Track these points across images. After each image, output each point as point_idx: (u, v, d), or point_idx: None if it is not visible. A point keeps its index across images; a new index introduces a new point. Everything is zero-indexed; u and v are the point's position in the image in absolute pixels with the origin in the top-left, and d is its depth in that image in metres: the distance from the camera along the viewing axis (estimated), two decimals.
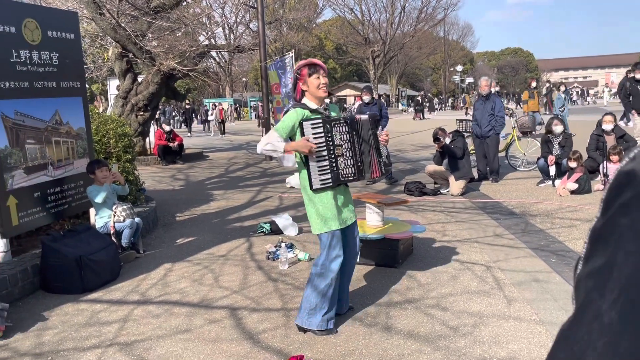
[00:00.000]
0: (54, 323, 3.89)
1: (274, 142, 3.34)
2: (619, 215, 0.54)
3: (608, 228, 0.55)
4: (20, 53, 4.85)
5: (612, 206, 0.55)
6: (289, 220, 6.21)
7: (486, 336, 3.40)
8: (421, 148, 15.21)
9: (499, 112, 8.78)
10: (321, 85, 3.44)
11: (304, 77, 3.46)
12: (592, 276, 0.55)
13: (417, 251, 5.27)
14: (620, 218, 0.53)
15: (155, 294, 4.40)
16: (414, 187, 8.25)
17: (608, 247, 0.54)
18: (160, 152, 13.38)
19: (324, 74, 3.47)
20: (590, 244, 0.57)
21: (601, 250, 0.54)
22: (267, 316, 3.84)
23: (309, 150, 3.31)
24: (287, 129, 3.40)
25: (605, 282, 0.52)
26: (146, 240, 6.03)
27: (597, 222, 0.58)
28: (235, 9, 18.74)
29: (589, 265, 0.56)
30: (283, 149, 3.32)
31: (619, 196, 0.55)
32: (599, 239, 0.56)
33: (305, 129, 3.37)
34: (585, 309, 0.53)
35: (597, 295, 0.52)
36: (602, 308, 0.51)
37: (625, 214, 0.53)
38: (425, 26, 47.51)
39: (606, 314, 0.50)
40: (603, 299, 0.51)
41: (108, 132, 6.83)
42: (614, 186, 0.56)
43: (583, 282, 0.56)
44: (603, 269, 0.53)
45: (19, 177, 4.84)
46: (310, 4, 40.71)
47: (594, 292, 0.53)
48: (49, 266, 4.55)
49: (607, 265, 0.53)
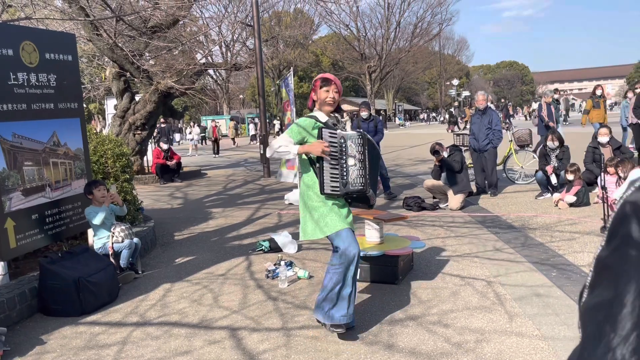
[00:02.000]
0: (52, 347, 3.85)
1: (287, 145, 3.48)
2: (627, 246, 0.53)
3: (615, 259, 0.54)
4: (18, 75, 4.86)
5: (617, 236, 0.55)
6: (288, 237, 6.19)
7: (489, 353, 3.37)
8: (419, 162, 15.23)
9: (496, 125, 8.82)
10: (329, 98, 3.62)
11: (316, 88, 3.66)
12: (602, 308, 0.54)
13: (417, 267, 5.24)
14: (629, 250, 0.53)
15: (154, 315, 4.36)
16: (412, 202, 8.24)
17: (618, 279, 0.53)
18: (158, 171, 13.39)
19: (334, 90, 3.64)
20: (596, 272, 0.57)
21: (608, 281, 0.54)
22: (268, 336, 3.81)
23: (321, 150, 3.42)
24: (299, 133, 3.54)
25: (617, 316, 0.51)
26: (145, 260, 6.00)
27: (602, 251, 0.57)
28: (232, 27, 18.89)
29: (595, 294, 0.56)
30: (297, 150, 3.46)
31: (624, 226, 0.54)
32: (605, 269, 0.55)
33: (324, 135, 3.51)
34: (596, 341, 0.53)
35: (608, 329, 0.52)
36: (614, 343, 0.50)
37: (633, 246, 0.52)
38: (420, 41, 47.85)
39: (618, 350, 0.50)
40: (614, 333, 0.51)
41: (106, 152, 6.83)
42: (619, 216, 0.56)
43: (591, 312, 0.55)
44: (614, 302, 0.52)
45: (16, 199, 4.83)
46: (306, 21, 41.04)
47: (605, 325, 0.52)
48: (47, 288, 4.52)
49: (618, 298, 0.52)
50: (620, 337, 0.50)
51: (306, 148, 3.48)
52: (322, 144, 3.45)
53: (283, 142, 3.52)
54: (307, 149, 3.47)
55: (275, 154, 3.52)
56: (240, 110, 55.87)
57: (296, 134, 3.56)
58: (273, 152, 3.52)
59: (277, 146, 3.49)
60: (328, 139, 3.53)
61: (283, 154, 3.52)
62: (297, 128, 3.56)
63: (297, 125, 3.58)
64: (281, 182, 12.36)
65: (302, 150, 3.48)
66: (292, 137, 3.54)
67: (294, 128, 3.57)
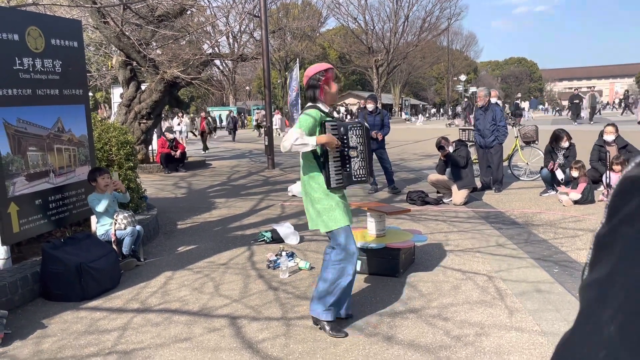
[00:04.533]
0: (53, 331, 3.87)
1: (302, 137, 3.41)
2: (624, 224, 0.52)
3: (612, 236, 0.53)
4: (24, 61, 4.87)
5: (617, 213, 0.54)
6: (290, 228, 6.19)
7: (488, 347, 3.36)
8: (423, 157, 15.19)
9: (500, 121, 8.78)
10: (337, 92, 3.68)
11: (329, 80, 3.61)
12: (594, 286, 0.53)
13: (418, 260, 5.24)
14: (626, 227, 0.52)
15: (155, 302, 4.38)
16: (416, 196, 8.22)
17: (612, 257, 0.52)
18: (163, 160, 13.41)
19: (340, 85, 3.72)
20: (595, 250, 0.56)
21: (605, 259, 0.53)
22: (267, 325, 3.82)
23: (335, 144, 3.44)
24: (310, 126, 3.49)
25: (607, 293, 0.51)
26: (147, 248, 6.01)
27: (602, 229, 0.56)
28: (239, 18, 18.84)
29: (593, 273, 0.55)
30: (315, 142, 3.40)
31: (623, 203, 0.53)
32: (603, 247, 0.55)
33: (327, 129, 3.49)
34: (586, 320, 0.52)
35: (597, 307, 0.51)
36: (602, 320, 0.49)
37: (630, 223, 0.52)
38: (428, 36, 47.68)
39: (605, 327, 0.49)
40: (603, 310, 0.50)
41: (110, 139, 6.84)
42: (618, 192, 0.55)
43: (585, 290, 0.55)
44: (605, 279, 0.52)
45: (20, 184, 4.85)
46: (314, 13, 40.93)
47: (594, 302, 0.52)
48: (49, 273, 4.54)
49: (610, 275, 0.51)
50: (608, 315, 0.49)
51: (323, 139, 3.40)
52: (334, 137, 3.44)
53: (298, 134, 3.39)
54: (324, 140, 3.39)
55: (293, 148, 3.38)
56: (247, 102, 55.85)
57: (309, 126, 3.47)
58: (291, 146, 3.37)
59: (293, 139, 3.36)
60: (330, 131, 3.50)
61: (301, 147, 3.38)
62: (309, 119, 3.49)
63: (308, 116, 3.51)
64: (286, 174, 12.37)
65: (320, 141, 3.39)
66: (304, 129, 3.44)
67: (306, 120, 3.48)
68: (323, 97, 3.61)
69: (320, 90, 3.59)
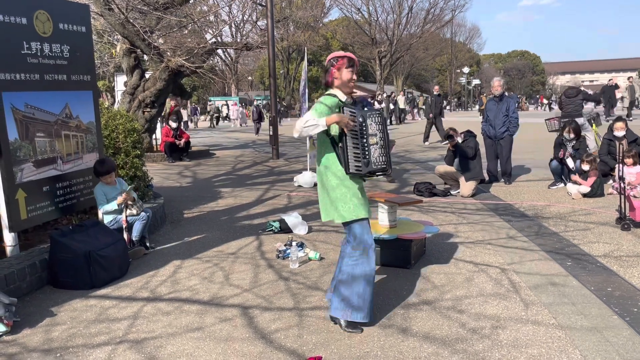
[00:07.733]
0: (62, 319, 3.82)
1: (314, 119, 3.35)
2: None
3: None
4: (32, 45, 4.79)
5: None
6: (298, 218, 6.14)
7: (505, 340, 3.31)
8: (429, 149, 15.12)
9: (512, 112, 8.68)
10: (352, 79, 3.53)
11: (341, 67, 3.51)
12: None
13: (429, 252, 5.18)
14: None
15: (165, 291, 4.33)
16: (423, 187, 8.16)
17: None
18: (167, 149, 13.34)
19: (355, 72, 3.55)
20: None
21: None
22: (280, 315, 3.77)
23: (346, 123, 3.33)
24: (323, 113, 3.41)
25: None
26: (154, 236, 5.96)
27: None
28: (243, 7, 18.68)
29: None
30: (325, 122, 3.33)
31: None
32: None
33: (345, 114, 3.40)
34: None
35: None
36: None
37: None
38: (432, 27, 47.35)
39: None
40: None
41: (117, 127, 6.77)
42: None
43: None
44: None
45: (28, 170, 4.79)
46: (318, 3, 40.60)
47: None
48: (57, 261, 4.49)
49: None
50: None
51: (334, 118, 3.33)
52: (347, 116, 3.35)
53: (309, 117, 3.37)
54: (335, 119, 3.33)
55: (303, 131, 3.36)
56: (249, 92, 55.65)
57: (322, 112, 3.42)
58: (301, 129, 3.36)
59: (303, 122, 3.35)
60: (349, 117, 3.44)
61: (311, 128, 3.35)
62: (322, 106, 3.44)
63: (322, 103, 3.45)
64: (290, 165, 12.30)
65: (331, 121, 3.34)
66: (317, 116, 3.39)
67: (319, 106, 3.44)
68: (335, 83, 3.54)
69: (330, 75, 3.54)
